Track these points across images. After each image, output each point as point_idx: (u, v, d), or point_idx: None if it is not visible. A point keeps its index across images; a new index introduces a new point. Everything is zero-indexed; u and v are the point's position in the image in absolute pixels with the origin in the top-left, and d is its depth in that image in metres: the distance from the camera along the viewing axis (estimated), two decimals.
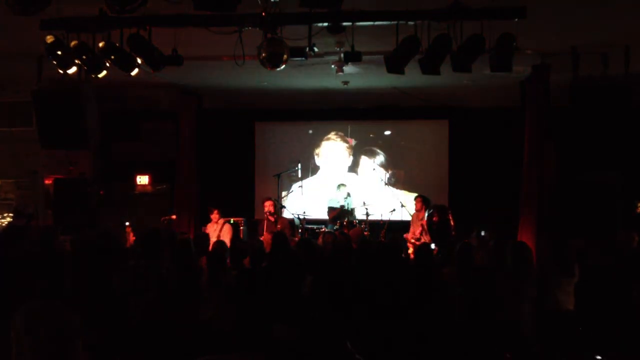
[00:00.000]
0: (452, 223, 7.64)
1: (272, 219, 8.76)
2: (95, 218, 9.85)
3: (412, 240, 8.67)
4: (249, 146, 11.18)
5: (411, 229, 9.02)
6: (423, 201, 9.01)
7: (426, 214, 8.65)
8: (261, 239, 8.22)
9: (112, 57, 5.98)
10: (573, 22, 6.35)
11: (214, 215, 8.71)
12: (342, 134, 11.12)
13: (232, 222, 9.04)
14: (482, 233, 6.96)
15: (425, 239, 8.40)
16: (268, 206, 8.84)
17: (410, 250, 8.17)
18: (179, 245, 5.78)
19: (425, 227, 8.47)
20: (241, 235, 9.21)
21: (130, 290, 4.59)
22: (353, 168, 11.11)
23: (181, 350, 4.67)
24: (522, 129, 8.35)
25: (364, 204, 9.71)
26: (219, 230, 8.50)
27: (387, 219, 9.31)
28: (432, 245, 7.44)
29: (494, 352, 5.54)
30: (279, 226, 8.54)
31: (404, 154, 10.91)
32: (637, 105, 7.11)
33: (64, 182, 10.05)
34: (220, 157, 10.97)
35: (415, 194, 9.61)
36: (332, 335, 2.80)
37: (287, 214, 9.61)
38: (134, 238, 6.97)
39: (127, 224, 8.73)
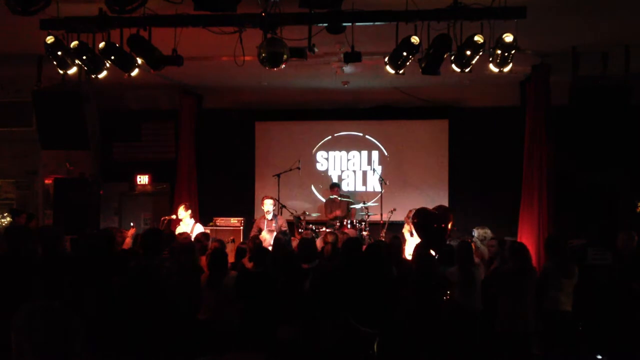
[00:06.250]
0: (448, 228, 7.55)
1: (270, 218, 8.75)
2: (95, 218, 9.85)
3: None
4: (249, 146, 11.17)
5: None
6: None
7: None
8: (260, 237, 8.22)
9: (112, 57, 5.99)
10: (573, 22, 6.35)
11: (186, 215, 8.52)
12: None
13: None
14: (474, 233, 6.95)
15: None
16: (267, 205, 8.83)
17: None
18: (179, 245, 5.79)
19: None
20: (241, 239, 9.19)
21: (130, 290, 4.60)
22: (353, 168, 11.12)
23: (181, 350, 4.68)
24: (522, 129, 8.35)
25: (364, 203, 9.72)
26: (190, 232, 8.29)
27: (387, 219, 9.30)
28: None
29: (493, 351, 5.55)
30: (275, 225, 8.53)
31: (404, 154, 10.90)
32: (637, 105, 7.11)
33: (64, 182, 10.05)
34: (220, 157, 10.96)
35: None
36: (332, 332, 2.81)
37: (287, 213, 9.60)
38: (129, 239, 6.93)
39: (132, 224, 8.71)
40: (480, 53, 5.68)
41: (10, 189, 10.38)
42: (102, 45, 5.89)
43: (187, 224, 8.46)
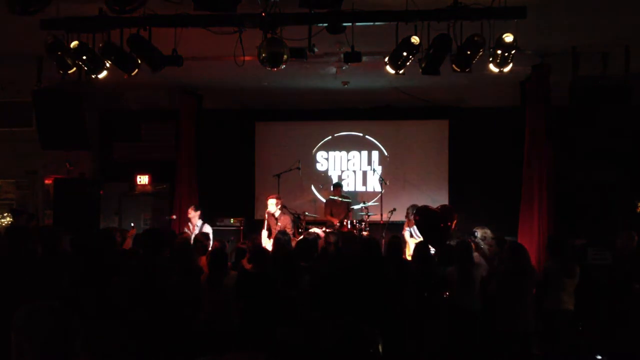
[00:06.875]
0: (452, 228, 7.56)
1: (273, 217, 8.75)
2: (95, 218, 9.84)
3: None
4: (249, 146, 11.17)
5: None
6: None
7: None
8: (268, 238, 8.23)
9: (112, 57, 5.99)
10: (573, 22, 6.35)
11: (195, 215, 8.57)
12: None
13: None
14: (476, 233, 6.94)
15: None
16: (269, 205, 8.82)
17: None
18: (179, 245, 5.79)
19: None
20: (241, 239, 9.20)
21: (130, 290, 4.60)
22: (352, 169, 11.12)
23: (181, 350, 4.68)
24: (522, 129, 8.35)
25: (364, 203, 9.72)
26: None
27: (387, 219, 9.30)
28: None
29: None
30: (279, 224, 8.53)
31: (404, 154, 10.89)
32: (637, 105, 7.11)
33: (64, 182, 10.05)
34: (220, 157, 10.94)
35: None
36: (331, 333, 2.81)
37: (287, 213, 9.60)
38: (129, 240, 6.94)
39: (132, 224, 8.71)
40: (480, 53, 5.68)
41: (10, 189, 10.39)
42: (102, 45, 5.90)
43: (196, 225, 8.49)
